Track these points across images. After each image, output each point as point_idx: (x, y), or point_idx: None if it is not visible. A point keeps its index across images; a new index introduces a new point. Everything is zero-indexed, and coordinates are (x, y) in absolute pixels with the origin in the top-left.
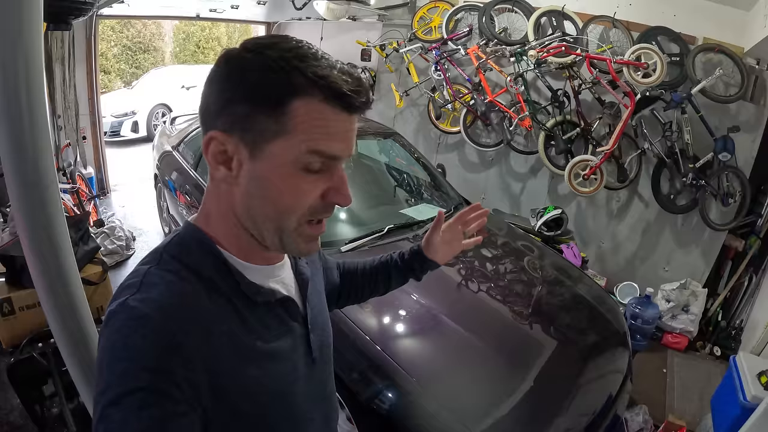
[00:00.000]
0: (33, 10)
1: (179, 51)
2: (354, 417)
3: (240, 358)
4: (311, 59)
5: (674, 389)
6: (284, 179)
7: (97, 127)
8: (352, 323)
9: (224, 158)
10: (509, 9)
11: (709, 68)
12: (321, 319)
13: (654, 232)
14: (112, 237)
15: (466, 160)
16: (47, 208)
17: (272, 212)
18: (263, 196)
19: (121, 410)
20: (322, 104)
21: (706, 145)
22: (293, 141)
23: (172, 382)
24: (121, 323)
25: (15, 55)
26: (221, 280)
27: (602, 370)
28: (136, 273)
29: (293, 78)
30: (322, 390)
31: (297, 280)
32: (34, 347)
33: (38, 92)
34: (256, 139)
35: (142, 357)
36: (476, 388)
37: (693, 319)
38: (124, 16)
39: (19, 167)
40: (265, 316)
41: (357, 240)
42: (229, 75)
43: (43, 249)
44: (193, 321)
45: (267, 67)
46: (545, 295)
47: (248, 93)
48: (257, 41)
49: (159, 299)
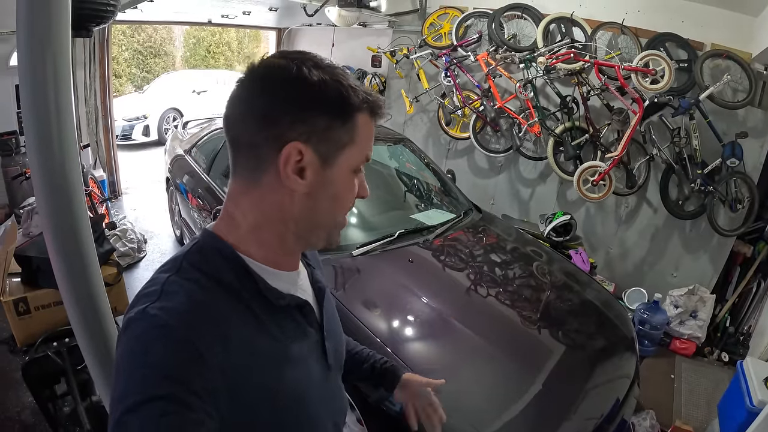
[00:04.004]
0: (62, 16)
1: (189, 55)
2: (364, 418)
3: (259, 365)
4: (355, 80)
5: (682, 395)
6: (347, 182)
7: (109, 130)
8: (363, 324)
9: (298, 168)
10: (518, 16)
11: (717, 74)
12: (335, 326)
13: (662, 238)
14: (123, 240)
15: (476, 165)
16: (73, 208)
17: (333, 210)
18: (331, 198)
19: (139, 418)
20: (369, 118)
21: (715, 150)
22: (356, 149)
23: (191, 392)
24: (141, 331)
25: (44, 59)
26: (242, 286)
27: (610, 374)
28: (155, 281)
29: (358, 95)
30: (334, 396)
31: (314, 289)
32: (48, 346)
33: (66, 96)
34: (330, 149)
35: (163, 365)
36: (485, 391)
37: (701, 325)
38: (136, 21)
39: (46, 168)
40: (284, 321)
41: (368, 244)
42: (304, 89)
43: (67, 249)
44: (214, 330)
45: (342, 85)
46: (554, 300)
47: (328, 107)
48: (304, 56)
49: (180, 308)
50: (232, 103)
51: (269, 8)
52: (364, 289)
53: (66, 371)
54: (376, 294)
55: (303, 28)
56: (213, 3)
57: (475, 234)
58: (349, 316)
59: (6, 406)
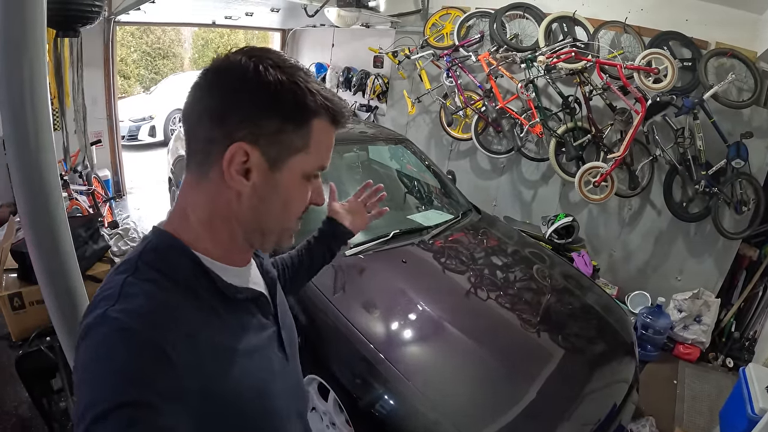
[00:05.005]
0: (36, 19)
1: (198, 57)
2: (352, 421)
3: (224, 360)
4: (317, 83)
5: (684, 401)
6: (297, 188)
7: (113, 130)
8: (355, 328)
9: (244, 169)
10: (520, 15)
11: (722, 73)
12: (287, 315)
13: (666, 241)
14: (125, 238)
15: (478, 167)
16: (51, 210)
17: (282, 216)
18: (277, 202)
19: (108, 427)
20: (328, 124)
21: (719, 151)
22: (310, 156)
23: (160, 395)
24: (102, 336)
25: (21, 63)
26: (198, 284)
27: (607, 379)
28: (111, 283)
29: (316, 99)
30: (295, 386)
31: (265, 279)
32: (42, 341)
33: (42, 97)
34: (281, 153)
35: (128, 370)
36: (478, 396)
37: (705, 330)
38: (140, 22)
39: (23, 168)
40: (243, 316)
41: (361, 245)
42: (257, 89)
43: (47, 251)
44: (176, 329)
45: (299, 88)
46: (553, 303)
47: (280, 110)
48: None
49: (140, 310)
50: (190, 94)
51: (271, 9)
52: (355, 290)
53: (59, 366)
54: (368, 295)
55: (307, 29)
56: (215, 4)
57: (474, 235)
58: (339, 317)
59: (3, 400)
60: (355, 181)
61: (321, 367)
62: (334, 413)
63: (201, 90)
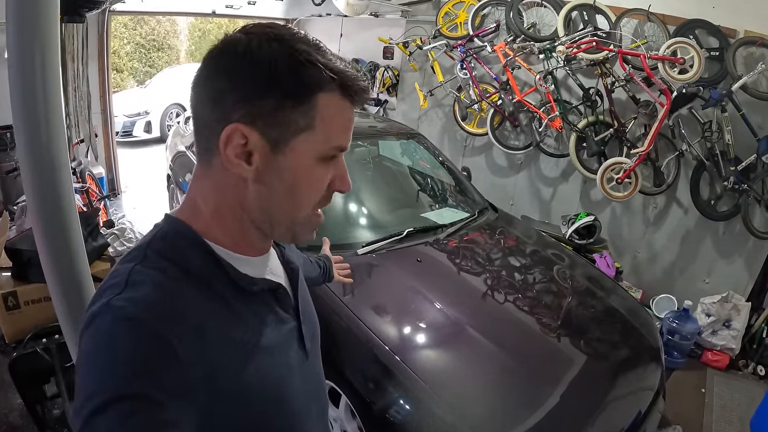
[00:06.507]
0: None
1: (195, 49)
2: (366, 426)
3: (235, 355)
4: (327, 53)
5: (713, 410)
6: (305, 172)
7: (108, 126)
8: (369, 329)
9: (244, 152)
10: (538, 3)
11: (751, 63)
12: (309, 309)
13: (693, 241)
14: (122, 239)
15: (494, 163)
16: (61, 200)
17: (290, 204)
18: (283, 189)
19: (106, 419)
20: (340, 98)
21: (749, 146)
22: (318, 136)
23: (163, 389)
24: (107, 325)
25: (32, 45)
26: (211, 274)
27: (632, 386)
28: (119, 272)
29: (320, 72)
30: (315, 384)
31: (286, 270)
32: (37, 343)
33: (54, 81)
34: (282, 134)
35: (132, 361)
36: (497, 400)
37: (735, 336)
38: (137, 12)
39: (34, 158)
40: (259, 308)
41: (375, 243)
42: (251, 65)
43: (56, 241)
44: (184, 321)
45: (297, 61)
46: (575, 306)
47: (277, 86)
48: (266, 28)
49: (147, 299)
50: (194, 80)
51: None
52: (368, 290)
53: (55, 370)
54: (381, 295)
55: (312, 19)
56: None
57: (491, 235)
58: (353, 319)
59: None
60: (366, 178)
61: (332, 371)
62: (346, 420)
63: (200, 74)
